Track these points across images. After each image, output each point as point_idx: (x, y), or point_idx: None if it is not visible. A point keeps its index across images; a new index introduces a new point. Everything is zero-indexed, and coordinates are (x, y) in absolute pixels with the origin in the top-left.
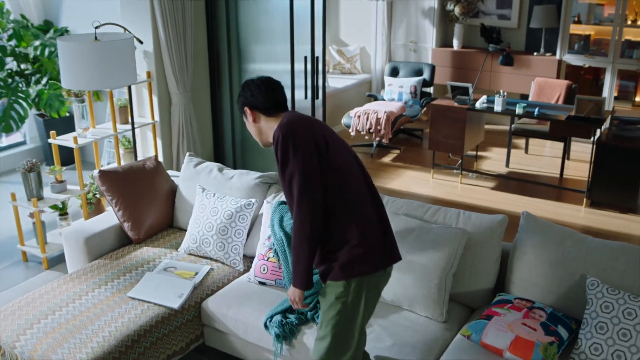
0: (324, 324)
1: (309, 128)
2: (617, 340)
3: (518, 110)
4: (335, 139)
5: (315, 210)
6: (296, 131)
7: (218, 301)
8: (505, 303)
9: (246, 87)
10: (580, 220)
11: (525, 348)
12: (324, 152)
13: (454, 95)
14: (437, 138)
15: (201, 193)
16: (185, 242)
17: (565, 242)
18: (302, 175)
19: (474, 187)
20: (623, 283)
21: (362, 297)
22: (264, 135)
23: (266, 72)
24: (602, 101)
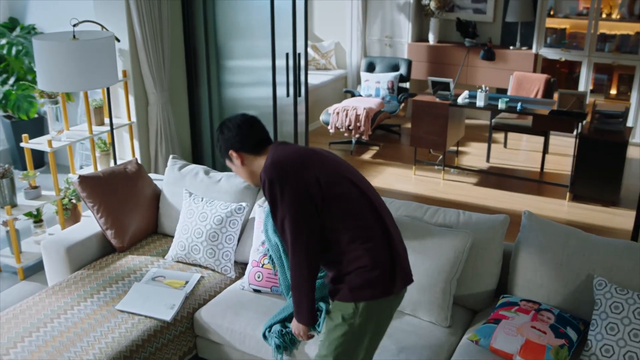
0: (327, 343)
1: (297, 166)
2: (629, 341)
3: (501, 105)
4: (329, 169)
5: (311, 254)
6: (282, 174)
7: (212, 311)
8: (512, 305)
9: (225, 130)
10: (564, 214)
11: (536, 352)
12: (316, 189)
13: (435, 90)
14: (419, 134)
15: (188, 198)
16: (172, 250)
17: (569, 241)
18: (293, 220)
19: (457, 183)
20: (630, 282)
21: (372, 319)
22: (256, 175)
23: (246, 68)
24: (584, 95)
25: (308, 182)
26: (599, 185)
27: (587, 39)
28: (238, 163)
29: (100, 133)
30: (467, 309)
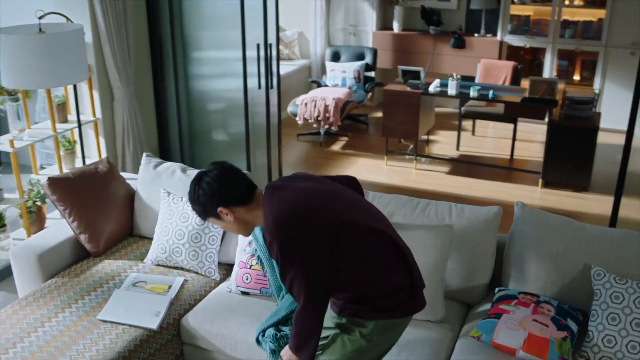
0: (338, 356)
1: (305, 224)
2: (631, 331)
3: (472, 93)
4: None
5: (323, 310)
6: (291, 236)
7: (199, 316)
8: (511, 299)
9: (205, 186)
10: (537, 201)
11: (540, 346)
12: (329, 241)
13: (405, 79)
14: (391, 124)
15: (167, 197)
16: (152, 252)
17: (565, 231)
18: (305, 282)
19: (429, 172)
20: (628, 271)
21: (387, 335)
22: (250, 226)
23: (215, 60)
24: (555, 82)
25: (319, 239)
26: (570, 171)
27: (550, 25)
28: (230, 219)
29: (64, 131)
30: (461, 303)
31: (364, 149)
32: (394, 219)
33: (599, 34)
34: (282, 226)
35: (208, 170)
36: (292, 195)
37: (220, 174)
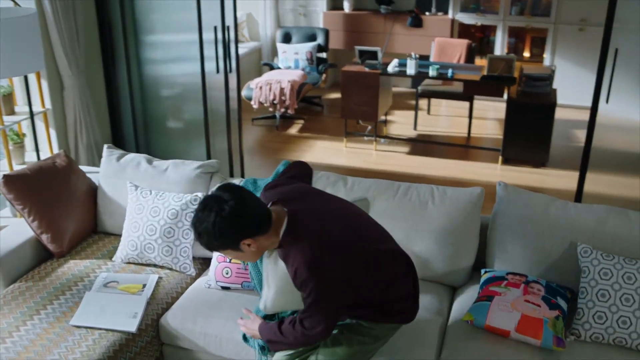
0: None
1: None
2: (621, 306)
3: (432, 72)
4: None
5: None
6: (324, 278)
7: (179, 315)
8: (500, 280)
9: (230, 220)
10: (498, 177)
11: (534, 326)
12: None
13: (362, 60)
14: (350, 105)
15: (134, 191)
16: (121, 250)
17: (549, 210)
18: (326, 317)
19: (389, 153)
20: (613, 247)
21: (386, 338)
22: (262, 252)
23: (170, 43)
24: (512, 59)
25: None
26: (529, 147)
27: (500, 2)
28: (252, 249)
29: (12, 124)
30: (446, 286)
31: (321, 131)
32: (376, 204)
33: (548, 10)
34: (316, 272)
35: (222, 200)
36: (318, 230)
37: (240, 203)
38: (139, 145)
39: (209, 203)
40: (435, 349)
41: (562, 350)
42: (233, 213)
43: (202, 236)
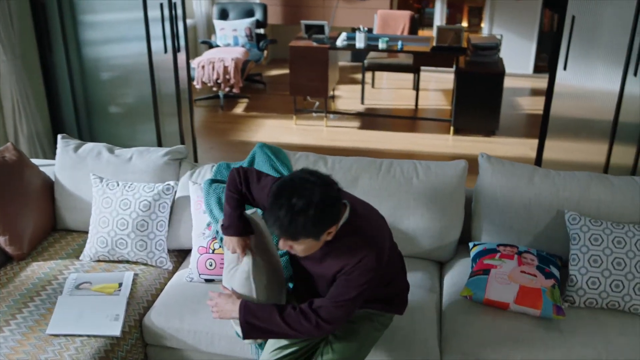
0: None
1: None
2: (614, 270)
3: (381, 45)
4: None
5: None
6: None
7: (163, 313)
8: (492, 253)
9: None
10: (450, 148)
11: (532, 296)
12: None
13: (309, 34)
14: (299, 82)
15: (100, 184)
16: (90, 248)
17: (533, 179)
18: (351, 312)
19: (340, 128)
20: (599, 213)
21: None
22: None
23: (112, 23)
24: (460, 30)
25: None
26: (479, 116)
27: None
28: (328, 237)
29: None
30: (433, 262)
31: (268, 109)
32: (360, 182)
33: None
34: (379, 264)
35: (304, 185)
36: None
37: (326, 189)
38: (82, 133)
39: (288, 195)
40: (436, 325)
41: (563, 318)
42: (324, 199)
43: (292, 229)
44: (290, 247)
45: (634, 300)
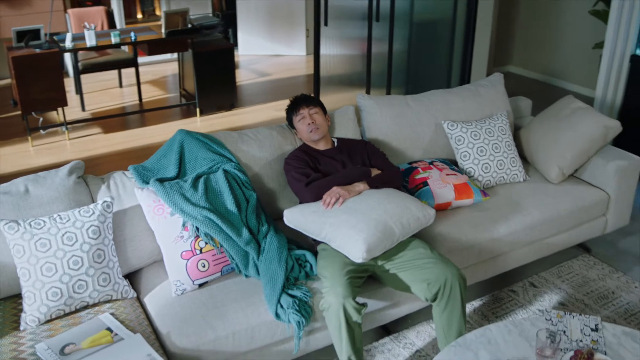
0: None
1: None
2: (495, 154)
3: (114, 39)
4: None
5: None
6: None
7: (187, 333)
8: (413, 170)
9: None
10: (202, 129)
11: (464, 189)
12: None
13: (26, 42)
14: (31, 96)
15: (19, 227)
16: (35, 309)
17: (408, 103)
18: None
19: (86, 138)
20: (466, 115)
21: None
22: None
23: None
24: (186, 12)
25: None
26: (219, 93)
27: None
28: (327, 121)
29: None
30: None
31: None
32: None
33: None
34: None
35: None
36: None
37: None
38: None
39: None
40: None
41: (489, 198)
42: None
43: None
44: (311, 118)
45: (512, 172)
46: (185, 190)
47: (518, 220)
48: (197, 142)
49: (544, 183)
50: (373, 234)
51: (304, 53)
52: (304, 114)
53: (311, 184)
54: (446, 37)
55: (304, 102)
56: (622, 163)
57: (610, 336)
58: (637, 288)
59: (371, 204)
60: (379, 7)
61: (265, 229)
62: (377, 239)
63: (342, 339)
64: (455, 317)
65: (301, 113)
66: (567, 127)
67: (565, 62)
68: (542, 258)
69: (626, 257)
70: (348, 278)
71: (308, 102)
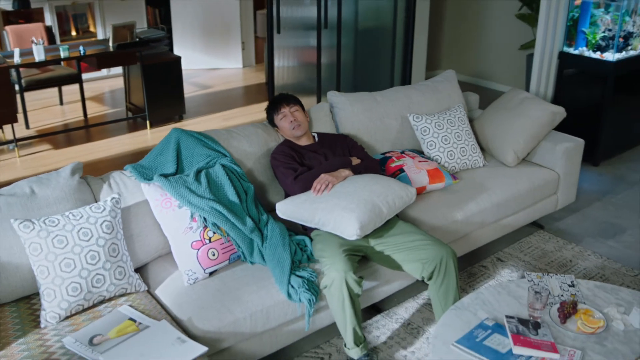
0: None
1: None
2: (457, 142)
3: (64, 53)
4: None
5: None
6: None
7: (207, 317)
8: (388, 160)
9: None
10: (152, 141)
11: (436, 174)
12: None
13: None
14: None
15: (34, 225)
16: (55, 306)
17: (376, 99)
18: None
19: (35, 155)
20: (428, 109)
21: None
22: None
23: None
24: (133, 25)
25: None
26: (168, 105)
27: None
28: (307, 117)
29: None
30: None
31: None
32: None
33: None
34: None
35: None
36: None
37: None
38: None
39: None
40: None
41: (458, 182)
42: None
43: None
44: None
45: (473, 158)
46: (189, 183)
47: (486, 200)
48: (193, 139)
49: (502, 167)
50: (363, 212)
51: (240, 65)
52: (285, 112)
53: (299, 177)
54: (388, 44)
55: (284, 100)
56: (569, 145)
57: (585, 290)
58: (590, 255)
59: (358, 187)
60: (327, 16)
61: (265, 218)
62: (368, 217)
63: (345, 312)
64: (451, 291)
65: (282, 112)
66: (518, 115)
67: (493, 64)
68: (504, 236)
69: (575, 231)
70: (346, 255)
71: (288, 101)
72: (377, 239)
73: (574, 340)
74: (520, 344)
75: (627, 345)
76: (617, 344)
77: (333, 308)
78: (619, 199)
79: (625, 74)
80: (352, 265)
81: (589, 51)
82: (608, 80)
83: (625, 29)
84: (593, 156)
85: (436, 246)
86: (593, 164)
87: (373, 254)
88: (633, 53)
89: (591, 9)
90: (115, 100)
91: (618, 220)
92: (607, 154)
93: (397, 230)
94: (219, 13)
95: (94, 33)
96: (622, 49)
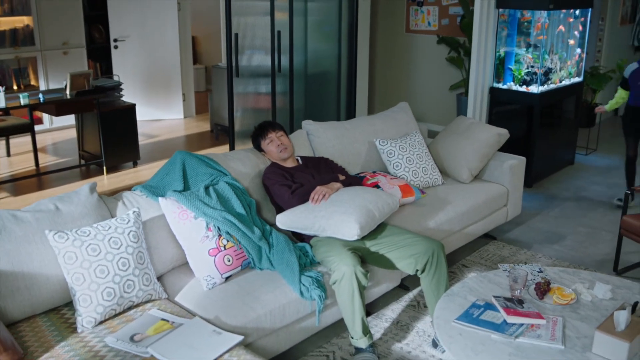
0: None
1: None
2: (414, 163)
3: (23, 101)
4: None
5: None
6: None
7: (231, 314)
8: (363, 178)
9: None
10: (110, 186)
11: (407, 189)
12: None
13: None
14: None
15: (67, 236)
16: (91, 310)
17: (345, 127)
18: None
19: None
20: (389, 135)
21: None
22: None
23: None
24: (89, 74)
25: None
26: (123, 151)
27: None
28: (290, 142)
29: None
30: None
31: None
32: None
33: (32, 39)
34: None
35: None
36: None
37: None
38: None
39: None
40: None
41: (425, 195)
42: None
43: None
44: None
45: (434, 176)
46: (201, 197)
47: (451, 210)
48: (197, 159)
49: (458, 184)
50: (360, 216)
51: (182, 116)
52: (272, 137)
53: (295, 191)
54: (334, 87)
55: (270, 127)
56: (513, 162)
57: (552, 274)
58: (542, 257)
59: (351, 196)
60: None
61: (268, 228)
62: (364, 219)
63: (354, 304)
64: (442, 281)
65: (269, 137)
66: (468, 138)
67: (425, 105)
68: (465, 246)
69: (524, 239)
70: (351, 252)
71: (274, 127)
72: (372, 240)
73: (553, 311)
74: (512, 314)
75: (597, 312)
76: (589, 311)
77: (342, 301)
78: (556, 212)
79: (547, 105)
80: (359, 260)
81: (516, 85)
82: (535, 110)
83: (545, 65)
84: (527, 179)
85: (426, 241)
86: (527, 185)
87: (368, 254)
88: (553, 86)
89: (515, 49)
90: (65, 150)
91: (559, 229)
92: (537, 176)
93: (388, 232)
94: (159, 66)
95: (36, 87)
96: (544, 83)
